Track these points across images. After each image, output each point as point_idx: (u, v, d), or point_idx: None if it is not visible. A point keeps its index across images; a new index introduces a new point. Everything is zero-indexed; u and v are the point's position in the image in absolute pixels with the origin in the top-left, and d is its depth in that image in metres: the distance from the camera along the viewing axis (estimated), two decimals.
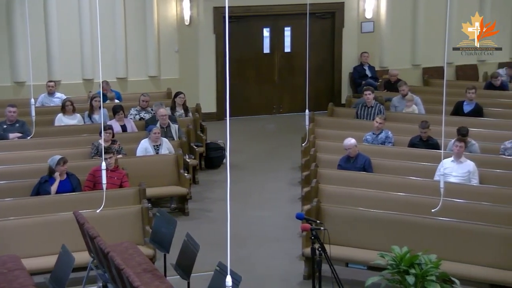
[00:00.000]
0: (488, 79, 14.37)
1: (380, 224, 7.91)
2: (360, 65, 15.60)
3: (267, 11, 15.50)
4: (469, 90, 12.19)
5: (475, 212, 8.01)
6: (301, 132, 11.72)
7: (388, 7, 15.95)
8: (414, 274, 6.25)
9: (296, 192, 10.72)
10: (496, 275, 7.21)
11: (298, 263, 8.28)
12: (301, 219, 6.82)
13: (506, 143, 10.12)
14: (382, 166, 9.82)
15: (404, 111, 12.53)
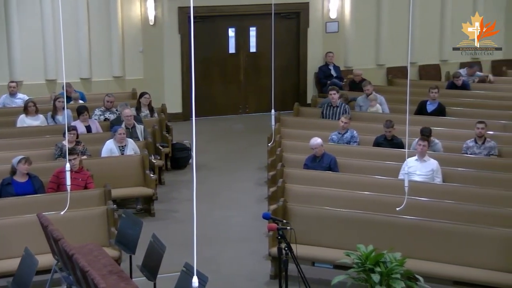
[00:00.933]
0: (450, 78, 14.56)
1: (346, 223, 7.97)
2: (325, 65, 15.68)
3: (232, 11, 15.49)
4: (432, 89, 12.34)
5: (438, 210, 8.12)
6: (267, 132, 11.74)
7: (352, 7, 16.07)
8: (379, 272, 6.31)
9: (262, 192, 10.74)
10: (459, 272, 7.32)
11: (265, 262, 8.29)
12: (268, 219, 6.83)
13: (468, 142, 10.28)
14: (347, 166, 9.89)
15: (368, 110, 12.63)
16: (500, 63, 16.93)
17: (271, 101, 10.62)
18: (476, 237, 7.44)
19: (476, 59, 16.65)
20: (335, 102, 12.31)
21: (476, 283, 7.23)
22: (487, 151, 10.12)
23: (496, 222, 7.69)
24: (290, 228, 6.62)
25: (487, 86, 14.56)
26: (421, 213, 7.94)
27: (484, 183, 9.00)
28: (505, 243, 7.30)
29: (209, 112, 15.36)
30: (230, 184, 11.55)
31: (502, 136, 10.84)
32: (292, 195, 8.80)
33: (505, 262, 7.24)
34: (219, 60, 15.85)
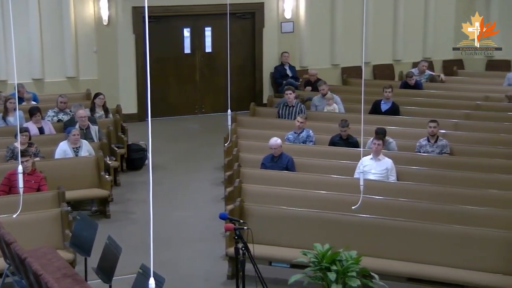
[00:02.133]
0: (403, 78, 14.77)
1: (303, 222, 8.02)
2: (281, 65, 15.74)
3: (187, 11, 15.42)
4: (386, 89, 12.50)
5: (393, 208, 8.23)
6: (223, 132, 11.73)
7: (307, 7, 16.17)
8: (336, 270, 6.36)
9: (219, 192, 10.72)
10: (412, 269, 7.42)
11: (222, 263, 8.28)
12: (225, 219, 6.83)
13: (421, 141, 10.44)
14: (303, 165, 9.95)
15: (324, 110, 12.73)
16: (451, 63, 17.27)
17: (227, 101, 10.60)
18: (429, 234, 7.56)
19: (428, 58, 16.94)
20: (291, 102, 12.37)
21: (429, 280, 7.36)
22: (439, 150, 10.30)
23: (449, 219, 7.83)
24: (247, 228, 6.62)
25: (439, 86, 14.81)
26: (376, 211, 8.04)
27: (437, 181, 9.16)
28: (457, 240, 7.44)
29: (165, 112, 15.27)
30: (187, 185, 11.50)
31: (454, 135, 11.05)
32: (249, 195, 8.80)
33: (457, 258, 7.37)
34: (174, 60, 15.76)
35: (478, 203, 8.25)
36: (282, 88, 13.95)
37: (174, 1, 15.05)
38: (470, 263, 7.31)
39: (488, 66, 17.14)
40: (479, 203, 8.25)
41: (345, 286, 6.37)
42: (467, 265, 7.32)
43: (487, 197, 8.54)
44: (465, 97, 13.50)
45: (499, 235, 7.35)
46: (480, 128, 11.46)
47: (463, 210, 8.06)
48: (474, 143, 10.68)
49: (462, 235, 7.46)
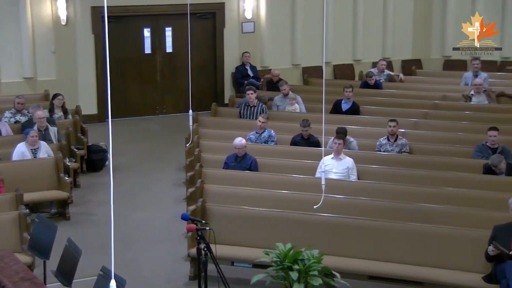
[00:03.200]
0: (363, 78, 14.91)
1: (265, 222, 8.03)
2: (242, 65, 15.75)
3: (146, 11, 15.32)
4: (346, 89, 12.60)
5: (354, 207, 8.30)
6: (185, 132, 11.68)
7: (267, 7, 16.21)
8: (298, 270, 6.38)
9: (181, 193, 10.67)
10: (373, 267, 7.50)
11: (184, 263, 8.25)
12: (186, 219, 6.80)
13: (381, 140, 10.56)
14: (265, 165, 9.97)
15: (286, 109, 12.78)
16: (410, 62, 17.51)
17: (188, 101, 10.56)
18: (389, 232, 7.64)
19: (388, 58, 17.14)
20: (253, 102, 12.38)
21: (390, 277, 7.44)
22: (399, 149, 10.42)
23: (409, 217, 7.93)
24: (209, 229, 6.60)
25: (398, 85, 15.00)
26: (337, 210, 8.09)
27: (397, 180, 9.26)
28: (416, 238, 7.54)
29: (125, 113, 15.15)
30: (148, 186, 11.42)
31: (413, 134, 11.19)
32: (211, 195, 8.78)
33: (417, 255, 7.47)
34: (134, 60, 15.64)
35: (437, 201, 8.37)
36: (244, 88, 13.96)
37: (133, 1, 14.94)
38: (430, 261, 7.42)
39: (445, 66, 17.43)
40: (438, 201, 8.37)
41: (307, 285, 6.40)
42: (427, 262, 7.42)
43: (446, 195, 8.67)
44: (423, 96, 13.69)
45: (458, 232, 7.47)
46: (438, 127, 11.64)
47: (423, 208, 8.17)
48: (433, 142, 10.84)
49: (422, 233, 7.56)
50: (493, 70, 15.82)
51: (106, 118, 14.48)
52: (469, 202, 8.36)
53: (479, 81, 13.21)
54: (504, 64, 16.81)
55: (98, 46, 14.87)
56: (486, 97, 13.00)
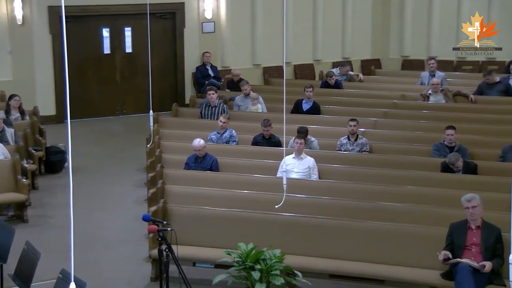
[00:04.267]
0: (324, 78, 15.00)
1: (226, 222, 8.02)
2: (202, 65, 15.70)
3: (105, 11, 15.17)
4: (307, 88, 12.66)
5: (315, 206, 8.34)
6: (145, 133, 11.60)
7: (227, 7, 16.20)
8: (260, 269, 6.39)
9: (142, 194, 10.59)
10: (335, 265, 7.55)
11: (145, 265, 8.19)
12: (148, 220, 6.76)
13: (342, 139, 10.63)
14: (227, 165, 9.96)
15: (249, 109, 12.79)
16: (369, 62, 17.70)
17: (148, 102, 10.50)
18: (350, 231, 7.70)
19: (347, 58, 17.29)
20: (214, 102, 12.36)
21: (351, 276, 7.50)
22: (359, 148, 10.51)
23: (369, 216, 7.99)
24: (170, 229, 6.56)
25: (358, 85, 15.13)
26: (299, 209, 8.12)
27: (357, 179, 9.34)
28: (376, 236, 7.61)
29: (84, 113, 14.98)
30: (109, 187, 11.31)
31: (373, 133, 11.31)
32: (172, 196, 8.74)
33: (377, 254, 7.54)
34: (93, 60, 15.48)
35: (396, 200, 8.47)
36: (204, 88, 13.93)
37: (92, 1, 14.78)
38: (390, 259, 7.49)
39: (404, 66, 17.66)
40: (397, 200, 8.47)
41: (269, 284, 6.41)
42: (387, 260, 7.49)
43: (405, 193, 8.77)
44: (383, 96, 13.84)
45: (417, 230, 7.57)
46: (397, 126, 11.78)
47: (382, 206, 8.25)
48: (392, 141, 10.96)
49: (382, 231, 7.64)
50: (449, 70, 16.08)
51: (65, 119, 14.29)
52: (428, 200, 8.48)
53: (437, 81, 13.41)
54: (460, 63, 17.11)
55: (56, 46, 14.66)
56: (443, 97, 13.20)
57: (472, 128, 11.26)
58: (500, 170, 9.28)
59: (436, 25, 17.40)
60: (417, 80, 14.79)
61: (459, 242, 7.12)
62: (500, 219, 7.13)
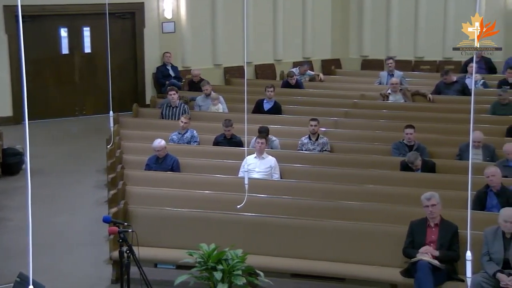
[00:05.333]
0: (285, 78, 15.06)
1: (188, 223, 8.00)
2: (163, 65, 15.61)
3: (63, 11, 14.97)
4: (268, 88, 12.69)
5: (277, 206, 8.36)
6: (105, 133, 11.48)
7: (187, 7, 16.13)
8: (221, 269, 6.38)
9: (102, 195, 10.49)
10: (296, 265, 7.59)
11: (106, 267, 8.12)
12: (108, 222, 6.71)
13: (303, 139, 10.69)
14: (188, 165, 9.92)
15: (210, 110, 12.77)
16: (329, 62, 17.82)
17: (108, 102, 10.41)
18: (311, 230, 7.75)
19: (308, 58, 17.39)
20: (174, 102, 12.30)
21: (312, 274, 7.55)
22: (320, 147, 10.58)
23: (330, 215, 8.06)
24: (131, 231, 6.52)
25: (318, 85, 15.22)
26: (260, 209, 8.14)
27: (318, 178, 9.39)
28: (337, 235, 7.67)
29: (43, 115, 14.75)
30: (68, 188, 11.17)
31: (334, 133, 11.38)
32: (133, 197, 8.68)
33: (338, 252, 7.61)
34: (51, 61, 15.27)
35: (357, 199, 8.54)
36: (165, 89, 13.85)
37: (49, 0, 14.57)
38: (351, 257, 7.57)
39: (363, 66, 17.83)
40: (358, 199, 8.55)
41: (231, 284, 6.41)
42: (348, 259, 7.57)
43: (366, 192, 8.86)
44: (343, 95, 13.94)
45: (377, 228, 7.66)
46: (358, 125, 11.88)
47: (343, 205, 8.32)
48: (353, 140, 11.06)
49: (343, 230, 7.70)
50: (407, 70, 16.29)
51: (23, 120, 14.05)
52: (388, 198, 8.58)
53: (396, 80, 13.57)
54: (418, 63, 17.35)
55: (12, 46, 14.41)
56: (402, 96, 13.36)
57: (430, 127, 11.42)
58: (458, 168, 9.44)
59: (394, 25, 17.61)
60: (376, 80, 14.95)
61: (419, 240, 7.24)
62: (458, 217, 7.27)
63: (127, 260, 6.27)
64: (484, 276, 6.85)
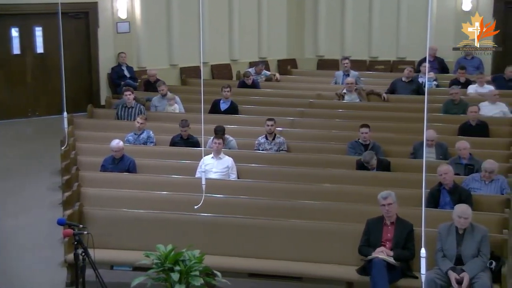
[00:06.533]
0: (241, 78, 15.06)
1: (145, 224, 7.94)
2: (118, 65, 15.45)
3: (14, 10, 14.67)
4: (224, 88, 12.68)
5: (234, 206, 8.38)
6: (59, 135, 11.31)
7: (142, 7, 15.99)
8: (179, 270, 6.36)
9: (56, 197, 10.33)
10: (254, 264, 7.61)
11: (61, 270, 8.00)
12: (63, 224, 6.62)
13: (260, 139, 10.71)
14: (145, 166, 9.86)
15: (166, 110, 12.69)
16: (285, 62, 17.90)
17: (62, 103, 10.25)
18: (269, 229, 7.78)
19: (264, 58, 17.43)
20: (130, 103, 12.20)
21: (269, 274, 7.58)
22: (277, 147, 10.61)
23: (287, 214, 8.10)
24: (87, 233, 6.45)
25: (275, 85, 15.27)
26: (218, 209, 8.14)
27: (275, 178, 9.43)
28: (294, 234, 7.72)
29: None
30: (21, 191, 10.96)
31: (290, 132, 11.44)
32: (89, 198, 8.59)
33: (295, 251, 7.65)
34: (2, 61, 14.96)
35: (314, 198, 8.60)
36: (121, 89, 13.72)
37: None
38: (308, 256, 7.62)
39: (319, 65, 17.96)
40: (315, 198, 8.61)
41: (189, 285, 6.39)
42: (305, 257, 7.62)
43: (322, 191, 8.93)
44: (299, 95, 14.01)
45: (334, 227, 7.73)
46: (314, 125, 11.96)
47: (300, 205, 8.37)
48: (309, 140, 11.13)
49: (300, 229, 7.75)
50: (362, 69, 16.48)
51: None
52: (344, 197, 8.66)
53: (351, 80, 13.70)
54: (373, 63, 17.56)
55: None
56: (358, 96, 13.50)
57: (385, 126, 11.57)
58: (412, 166, 9.58)
59: (349, 26, 17.77)
60: (332, 80, 15.07)
61: (375, 238, 7.32)
62: (412, 214, 7.38)
63: (82, 263, 6.20)
64: (437, 272, 6.98)
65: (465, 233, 7.04)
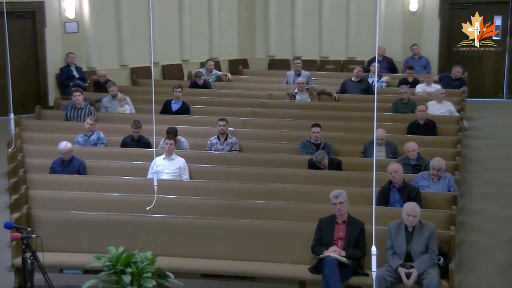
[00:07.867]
0: (192, 78, 15.01)
1: (95, 226, 7.84)
2: (66, 66, 15.20)
3: None
4: (175, 89, 12.62)
5: (186, 206, 8.35)
6: (6, 136, 11.05)
7: (91, 7, 15.77)
8: (131, 272, 6.30)
9: (3, 200, 10.09)
10: (207, 265, 7.59)
11: (8, 275, 7.83)
12: (10, 228, 6.49)
13: (212, 139, 10.69)
14: (95, 167, 9.74)
15: (117, 110, 12.55)
16: (237, 62, 17.91)
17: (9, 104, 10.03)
18: (221, 230, 7.77)
19: (215, 58, 17.41)
20: (80, 104, 12.03)
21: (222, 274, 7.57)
22: (229, 147, 10.61)
23: (240, 214, 8.11)
24: (35, 236, 6.33)
25: (226, 85, 15.27)
26: (170, 210, 8.10)
27: (228, 178, 9.43)
28: (247, 234, 7.72)
29: None
30: None
31: (242, 132, 11.45)
32: (37, 201, 8.43)
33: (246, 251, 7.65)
34: None
35: (266, 197, 8.63)
36: (70, 90, 13.51)
37: None
38: (260, 256, 7.64)
39: (270, 66, 18.04)
40: (267, 197, 8.64)
41: (141, 287, 6.33)
42: (258, 257, 7.63)
43: (274, 191, 8.97)
44: (251, 95, 14.04)
45: (286, 226, 7.76)
46: (265, 125, 12.01)
47: (252, 204, 8.38)
48: (261, 140, 11.16)
49: (252, 229, 7.76)
50: (313, 69, 16.61)
51: None
52: (296, 196, 8.71)
53: (302, 80, 13.80)
54: (323, 63, 17.73)
55: None
56: (309, 95, 13.60)
57: (336, 125, 11.68)
58: (363, 165, 9.70)
59: (299, 26, 17.88)
60: (283, 79, 15.14)
61: (327, 237, 7.39)
62: (363, 213, 7.46)
63: (30, 267, 6.09)
64: (387, 269, 7.08)
65: (414, 231, 7.16)
